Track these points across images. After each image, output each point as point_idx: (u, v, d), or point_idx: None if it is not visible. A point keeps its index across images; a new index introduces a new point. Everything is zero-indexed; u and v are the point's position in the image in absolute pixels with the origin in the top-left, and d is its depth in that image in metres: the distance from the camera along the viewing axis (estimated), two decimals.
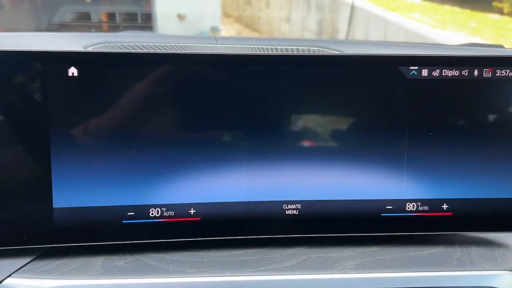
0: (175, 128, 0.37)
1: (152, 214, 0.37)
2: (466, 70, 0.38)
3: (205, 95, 0.36)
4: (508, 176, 0.39)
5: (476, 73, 0.38)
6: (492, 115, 0.39)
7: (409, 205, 0.39)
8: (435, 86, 0.38)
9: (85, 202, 0.36)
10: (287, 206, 0.38)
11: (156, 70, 0.36)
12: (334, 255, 0.38)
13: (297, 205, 0.39)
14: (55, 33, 0.60)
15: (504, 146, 0.39)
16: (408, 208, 0.39)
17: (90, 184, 0.36)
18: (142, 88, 0.36)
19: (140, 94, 0.36)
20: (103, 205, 0.36)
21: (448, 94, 0.38)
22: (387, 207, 0.39)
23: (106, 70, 0.35)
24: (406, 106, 0.38)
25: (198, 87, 0.36)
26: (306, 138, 0.38)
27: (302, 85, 0.37)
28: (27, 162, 0.35)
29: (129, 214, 0.37)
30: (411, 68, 0.38)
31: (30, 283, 0.34)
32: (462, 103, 0.38)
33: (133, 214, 0.37)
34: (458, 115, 0.39)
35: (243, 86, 0.37)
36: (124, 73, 0.35)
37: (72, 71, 0.35)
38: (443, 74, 0.38)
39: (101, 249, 0.37)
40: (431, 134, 0.38)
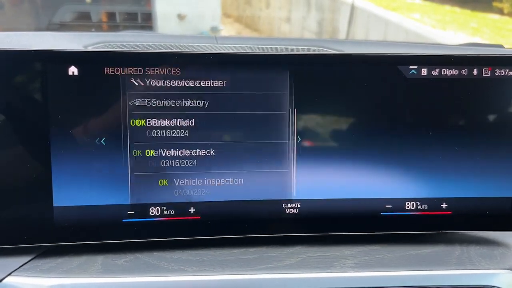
0: (176, 127, 0.37)
1: (152, 213, 0.37)
2: (466, 70, 0.38)
3: (203, 95, 0.37)
4: (507, 175, 0.39)
5: (475, 72, 0.38)
6: (491, 115, 0.39)
7: (408, 204, 0.39)
8: (435, 86, 0.38)
9: (85, 201, 0.36)
10: (287, 205, 0.38)
11: (156, 69, 0.36)
12: (333, 254, 0.38)
13: (296, 204, 0.39)
14: (55, 32, 0.60)
15: (503, 145, 0.39)
16: (407, 207, 0.39)
17: (90, 183, 0.36)
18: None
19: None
20: (103, 204, 0.36)
21: (447, 94, 0.38)
22: (387, 206, 0.39)
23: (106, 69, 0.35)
24: (405, 105, 0.38)
25: (198, 87, 0.36)
26: (305, 138, 0.38)
27: (302, 84, 0.37)
28: (27, 161, 0.35)
29: (129, 213, 0.37)
30: (411, 67, 0.38)
31: (30, 282, 0.34)
32: (461, 103, 0.38)
33: (133, 213, 0.37)
34: (457, 115, 0.39)
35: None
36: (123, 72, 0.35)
37: (72, 70, 0.35)
38: (443, 74, 0.38)
39: (101, 247, 0.37)
40: (430, 133, 0.38)
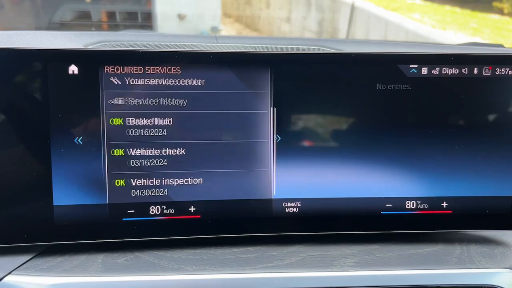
0: (176, 127, 0.37)
1: (152, 212, 0.37)
2: (466, 69, 0.38)
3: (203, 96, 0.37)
4: (507, 174, 0.39)
5: (475, 71, 0.38)
6: (491, 114, 0.39)
7: (408, 203, 0.39)
8: (435, 85, 0.38)
9: (85, 199, 0.36)
10: (287, 204, 0.38)
11: (156, 68, 0.36)
12: (333, 253, 0.38)
13: (297, 203, 0.39)
14: (56, 32, 0.60)
15: (503, 144, 0.39)
16: (407, 206, 0.39)
17: (90, 182, 0.36)
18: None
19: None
20: (103, 202, 0.36)
21: (447, 93, 0.38)
22: (387, 205, 0.39)
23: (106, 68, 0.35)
24: (405, 105, 0.38)
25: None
26: (305, 137, 0.38)
27: (301, 83, 0.37)
28: (28, 159, 0.35)
29: (129, 211, 0.37)
30: (411, 66, 0.38)
31: (30, 280, 0.34)
32: (461, 102, 0.38)
33: (133, 212, 0.37)
34: (457, 113, 0.39)
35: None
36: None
37: (72, 69, 0.35)
38: (443, 72, 0.38)
39: (101, 246, 0.37)
40: (431, 132, 0.38)
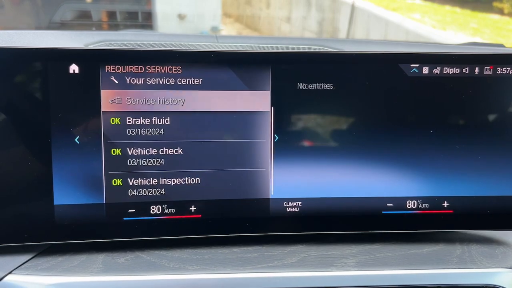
0: (174, 126, 0.37)
1: (153, 211, 0.37)
2: (467, 68, 0.38)
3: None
4: (508, 173, 0.39)
5: (477, 71, 0.38)
6: (492, 113, 0.39)
7: (409, 202, 0.39)
8: (436, 84, 0.38)
9: (84, 199, 0.36)
10: (288, 204, 0.38)
11: (157, 67, 0.36)
12: (334, 253, 0.38)
13: (297, 202, 0.39)
14: (56, 31, 0.60)
15: (504, 143, 0.39)
16: (408, 205, 0.39)
17: (89, 181, 0.36)
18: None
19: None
20: (101, 202, 0.36)
21: (448, 92, 0.38)
22: (388, 205, 0.39)
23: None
24: (406, 104, 0.38)
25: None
26: (306, 137, 0.38)
27: (302, 83, 0.37)
28: (28, 159, 0.35)
29: (130, 211, 0.37)
30: (412, 65, 0.38)
31: (31, 280, 0.34)
32: (462, 101, 0.38)
33: (133, 211, 0.37)
34: (458, 113, 0.39)
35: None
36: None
37: (73, 68, 0.35)
38: (444, 72, 0.38)
39: (102, 246, 0.37)
40: (432, 132, 0.38)
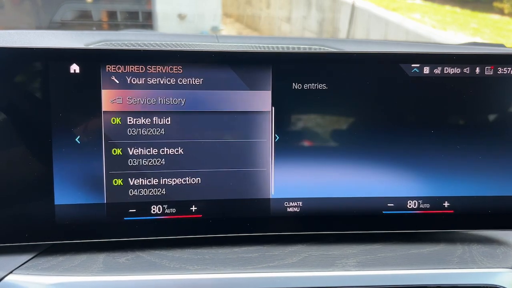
0: (175, 126, 0.37)
1: (153, 211, 0.37)
2: (468, 68, 0.38)
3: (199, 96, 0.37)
4: (509, 174, 0.39)
5: (477, 71, 0.38)
6: (493, 113, 0.39)
7: (410, 202, 0.39)
8: (437, 84, 0.38)
9: (85, 199, 0.36)
10: (289, 204, 0.38)
11: (158, 67, 0.36)
12: (335, 253, 0.38)
13: (298, 202, 0.39)
14: (57, 31, 0.60)
15: (505, 143, 0.39)
16: (409, 205, 0.39)
17: (90, 181, 0.36)
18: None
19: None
20: (102, 202, 0.36)
21: (449, 92, 0.38)
22: (389, 205, 0.39)
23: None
24: (407, 104, 0.38)
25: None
26: (306, 137, 0.38)
27: (302, 83, 0.37)
28: (29, 159, 0.35)
29: (130, 211, 0.37)
30: (413, 65, 0.38)
31: (31, 280, 0.34)
32: (463, 101, 0.38)
33: (134, 211, 0.37)
34: (459, 113, 0.39)
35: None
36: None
37: (74, 68, 0.35)
38: (445, 72, 0.38)
39: (102, 246, 0.37)
40: (433, 132, 0.38)
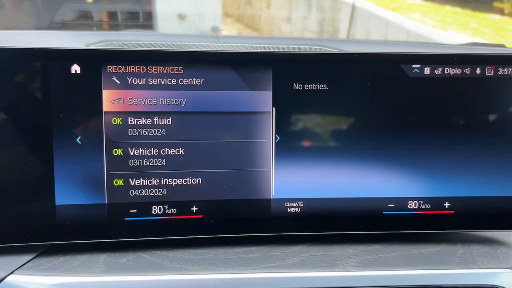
0: (175, 126, 0.37)
1: (154, 211, 0.37)
2: (469, 68, 0.38)
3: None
4: (510, 174, 0.39)
5: (478, 71, 0.38)
6: (494, 114, 0.39)
7: (411, 203, 0.39)
8: (437, 84, 0.38)
9: (86, 199, 0.36)
10: (289, 204, 0.38)
11: (159, 67, 0.36)
12: (336, 253, 0.38)
13: (299, 203, 0.39)
14: (57, 31, 0.60)
15: (506, 144, 0.39)
16: (410, 206, 0.39)
17: (91, 181, 0.36)
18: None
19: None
20: (102, 202, 0.36)
21: (450, 92, 0.38)
22: (389, 205, 0.39)
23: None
24: (408, 104, 0.38)
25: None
26: (307, 138, 0.38)
27: (303, 83, 0.37)
28: (30, 159, 0.35)
29: (131, 211, 0.37)
30: (414, 66, 0.38)
31: (32, 280, 0.34)
32: (464, 101, 0.38)
33: (135, 211, 0.37)
34: (460, 113, 0.39)
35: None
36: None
37: (75, 69, 0.35)
38: (446, 72, 0.38)
39: (103, 246, 0.37)
40: (433, 132, 0.38)
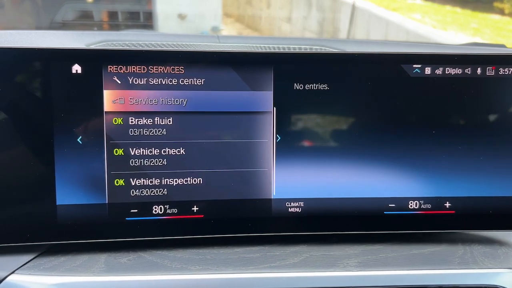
0: (176, 126, 0.37)
1: (155, 211, 0.37)
2: (469, 69, 0.38)
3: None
4: (510, 174, 0.39)
5: (479, 71, 0.38)
6: (495, 114, 0.39)
7: (411, 203, 0.39)
8: (438, 84, 0.38)
9: (87, 199, 0.36)
10: (290, 204, 0.38)
11: (159, 67, 0.36)
12: (336, 253, 0.38)
13: (299, 203, 0.39)
14: (58, 31, 0.60)
15: (506, 144, 0.39)
16: (410, 206, 0.39)
17: (92, 181, 0.36)
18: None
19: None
20: (103, 202, 0.36)
21: (451, 93, 0.38)
22: (390, 205, 0.39)
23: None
24: (409, 104, 0.38)
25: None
26: (308, 138, 0.38)
27: (304, 83, 0.37)
28: (31, 159, 0.35)
29: (132, 211, 0.37)
30: (414, 66, 0.38)
31: (33, 280, 0.34)
32: (464, 102, 0.38)
33: (136, 211, 0.37)
34: (461, 113, 0.39)
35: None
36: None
37: (76, 69, 0.35)
38: (446, 72, 0.38)
39: (104, 246, 0.37)
40: (434, 132, 0.38)
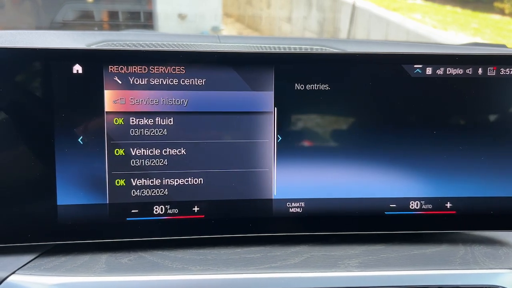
0: (177, 126, 0.37)
1: (156, 211, 0.37)
2: (471, 69, 0.38)
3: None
4: (511, 174, 0.39)
5: (480, 71, 0.38)
6: (496, 114, 0.39)
7: (412, 203, 0.39)
8: (439, 85, 0.38)
9: (87, 199, 0.36)
10: (291, 204, 0.38)
11: (160, 67, 0.36)
12: (337, 253, 0.38)
13: (300, 203, 0.39)
14: (59, 31, 0.60)
15: (508, 144, 0.39)
16: (411, 206, 0.39)
17: (92, 181, 0.36)
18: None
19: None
20: (104, 202, 0.36)
21: (452, 93, 0.38)
22: (391, 206, 0.39)
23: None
24: (410, 105, 0.38)
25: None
26: (309, 138, 0.38)
27: (304, 83, 0.37)
28: (32, 159, 0.35)
29: (133, 211, 0.37)
30: (416, 66, 0.38)
31: (34, 280, 0.34)
32: (466, 102, 0.38)
33: (137, 211, 0.37)
34: (462, 114, 0.39)
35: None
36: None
37: (76, 69, 0.35)
38: (448, 73, 0.38)
39: (105, 246, 0.37)
40: (435, 133, 0.38)
